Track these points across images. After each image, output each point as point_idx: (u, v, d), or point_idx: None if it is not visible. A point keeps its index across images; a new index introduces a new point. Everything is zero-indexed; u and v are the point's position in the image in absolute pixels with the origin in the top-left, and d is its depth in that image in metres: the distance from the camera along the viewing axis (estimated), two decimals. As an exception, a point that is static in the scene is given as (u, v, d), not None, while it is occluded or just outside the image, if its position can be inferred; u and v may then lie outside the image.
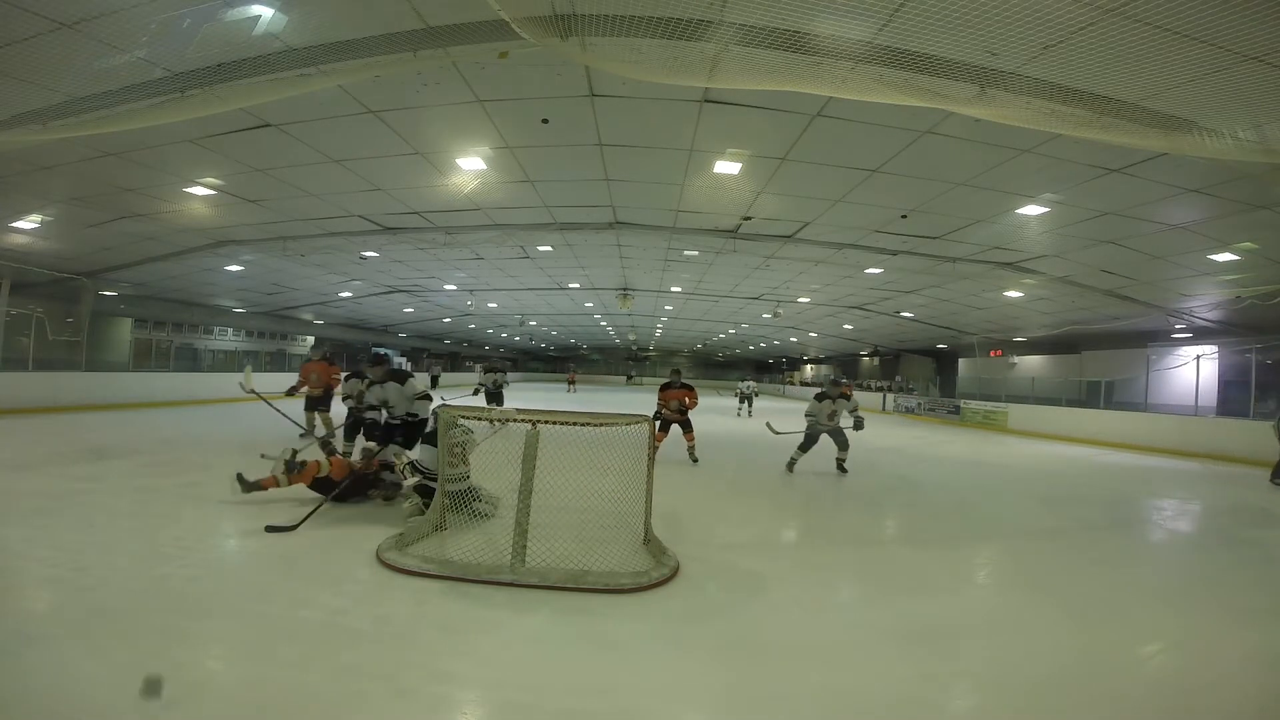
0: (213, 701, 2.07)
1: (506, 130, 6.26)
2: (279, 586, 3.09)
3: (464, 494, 4.25)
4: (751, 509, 4.93)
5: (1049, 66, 4.07)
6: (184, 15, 4.09)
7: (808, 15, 3.74)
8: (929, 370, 26.71)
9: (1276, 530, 5.64)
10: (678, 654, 2.58)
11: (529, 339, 36.79)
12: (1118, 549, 4.70)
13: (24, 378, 11.18)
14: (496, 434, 4.22)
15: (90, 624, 2.54)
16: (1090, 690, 2.39)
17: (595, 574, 3.27)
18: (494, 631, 2.71)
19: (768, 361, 46.32)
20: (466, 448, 4.42)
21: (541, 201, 8.79)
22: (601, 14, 3.86)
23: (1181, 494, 7.62)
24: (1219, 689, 2.47)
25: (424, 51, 4.43)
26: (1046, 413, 15.75)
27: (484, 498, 4.48)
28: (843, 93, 4.35)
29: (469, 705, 2.23)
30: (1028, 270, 11.05)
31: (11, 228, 9.80)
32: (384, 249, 12.18)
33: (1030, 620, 3.13)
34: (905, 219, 8.68)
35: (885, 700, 2.27)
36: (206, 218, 9.52)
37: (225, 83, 4.75)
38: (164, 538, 3.71)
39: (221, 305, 19.84)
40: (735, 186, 7.76)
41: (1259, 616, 3.29)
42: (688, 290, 17.00)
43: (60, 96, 5.05)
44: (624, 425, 3.74)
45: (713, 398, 32.07)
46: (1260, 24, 3.42)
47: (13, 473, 5.48)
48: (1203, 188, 6.51)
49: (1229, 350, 14.40)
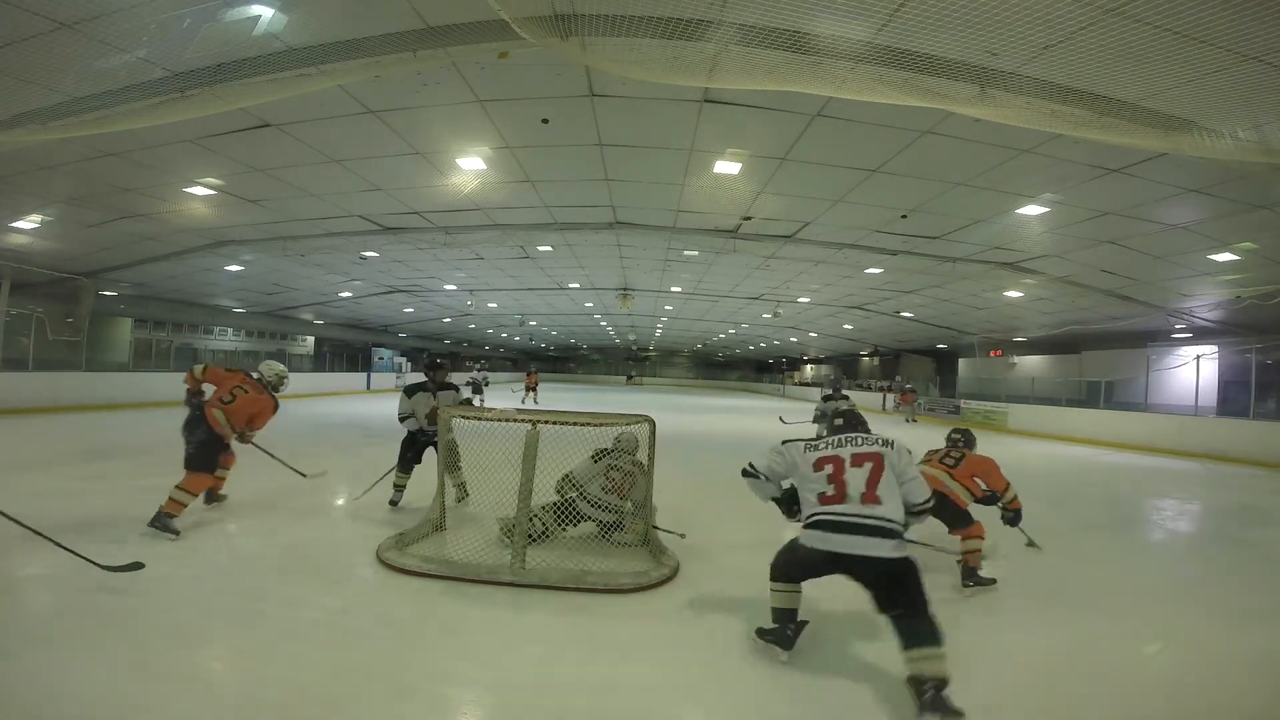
0: (213, 701, 2.07)
1: (506, 130, 6.26)
2: (279, 586, 3.09)
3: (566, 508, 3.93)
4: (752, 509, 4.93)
5: (1049, 66, 4.07)
6: (184, 15, 4.09)
7: (808, 15, 3.74)
8: (929, 370, 26.71)
9: (1276, 530, 5.64)
10: (677, 654, 2.57)
11: (529, 339, 36.81)
12: (1117, 549, 4.70)
13: (24, 378, 11.18)
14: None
15: (90, 624, 2.55)
16: (1090, 690, 2.39)
17: (595, 574, 3.27)
18: (494, 631, 2.71)
19: (768, 361, 46.33)
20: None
21: (541, 201, 8.79)
22: (601, 14, 3.86)
23: (1181, 494, 7.61)
24: (1218, 689, 2.47)
25: (424, 51, 4.43)
26: (1046, 413, 15.75)
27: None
28: (843, 93, 4.34)
29: (469, 705, 2.23)
30: (1028, 270, 11.05)
31: (11, 228, 9.80)
32: (384, 249, 12.19)
33: (1030, 620, 3.13)
34: (905, 219, 8.68)
35: (885, 700, 2.27)
36: (206, 218, 9.52)
37: (225, 83, 4.74)
38: (164, 537, 3.71)
39: (221, 305, 19.85)
40: (735, 186, 7.76)
41: (1259, 617, 3.29)
42: (688, 290, 17.00)
43: (60, 96, 5.05)
44: (624, 425, 3.75)
45: (712, 398, 32.09)
46: (1260, 24, 3.42)
47: (13, 473, 5.48)
48: (1203, 188, 6.51)
49: (1229, 350, 14.40)
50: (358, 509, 4.79)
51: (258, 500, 4.74)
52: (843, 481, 2.43)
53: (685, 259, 12.62)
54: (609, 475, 3.99)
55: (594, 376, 47.56)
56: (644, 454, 3.88)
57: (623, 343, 39.87)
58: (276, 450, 5.43)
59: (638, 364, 48.78)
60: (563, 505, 3.89)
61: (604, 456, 4.11)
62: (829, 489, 2.44)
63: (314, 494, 5.27)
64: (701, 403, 25.98)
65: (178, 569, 3.24)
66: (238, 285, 16.14)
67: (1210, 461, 10.62)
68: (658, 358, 48.97)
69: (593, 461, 4.09)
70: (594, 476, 4.01)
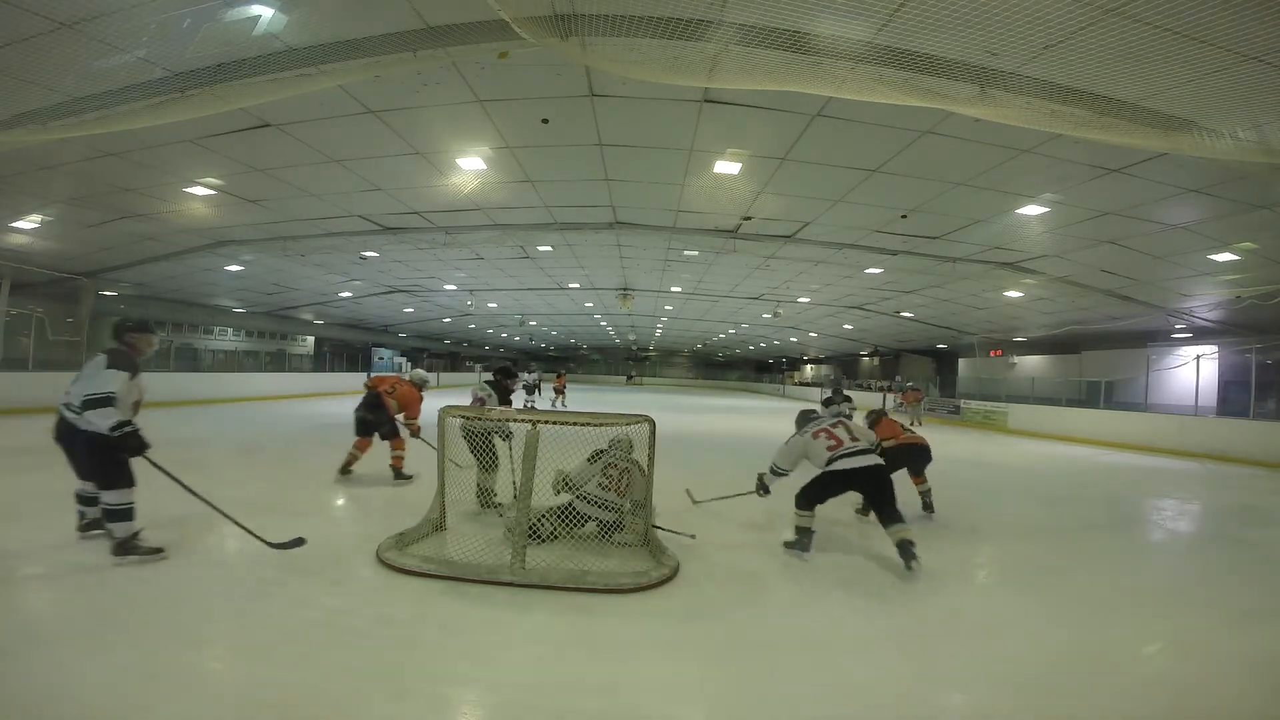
0: (213, 701, 2.07)
1: (506, 130, 6.26)
2: (279, 586, 3.09)
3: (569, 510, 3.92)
4: (752, 509, 4.93)
5: (1049, 66, 4.07)
6: (184, 15, 4.09)
7: (808, 15, 3.74)
8: (929, 370, 26.71)
9: (1276, 530, 5.64)
10: (677, 654, 2.57)
11: (529, 339, 36.82)
12: (1117, 549, 4.69)
13: (24, 378, 11.16)
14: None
15: (90, 624, 2.55)
16: (1089, 690, 2.39)
17: (595, 574, 3.26)
18: (494, 631, 2.71)
19: (768, 361, 46.34)
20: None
21: (541, 201, 8.79)
22: (601, 14, 3.86)
23: (1181, 494, 7.61)
24: (1218, 689, 2.47)
25: (424, 51, 4.43)
26: (1046, 413, 15.74)
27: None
28: (843, 93, 4.35)
29: (469, 705, 2.23)
30: (1028, 270, 11.05)
31: (11, 228, 9.81)
32: (384, 249, 12.20)
33: (1030, 620, 3.13)
34: (905, 219, 8.68)
35: (884, 700, 2.27)
36: (206, 218, 9.53)
37: (225, 83, 4.75)
38: (164, 537, 3.71)
39: (221, 305, 19.85)
40: (735, 186, 7.76)
41: (1259, 617, 3.29)
42: (688, 290, 17.01)
43: (60, 96, 5.06)
44: (624, 425, 3.75)
45: (712, 398, 32.08)
46: (1260, 24, 3.42)
47: (13, 473, 5.48)
48: (1203, 188, 6.51)
49: (1229, 350, 14.40)
50: (358, 508, 4.79)
51: (258, 500, 4.74)
52: (836, 437, 4.00)
53: (685, 259, 12.62)
54: (606, 473, 4.02)
55: (594, 376, 47.56)
56: (642, 454, 3.89)
57: (623, 343, 39.87)
58: (273, 449, 5.42)
59: (638, 364, 48.78)
60: (567, 509, 3.90)
61: (600, 457, 4.16)
62: (831, 443, 3.97)
63: (314, 494, 5.27)
64: (701, 403, 25.97)
65: (178, 569, 3.24)
66: (238, 285, 16.15)
67: (1210, 461, 10.62)
68: (658, 358, 48.97)
69: (589, 463, 4.13)
70: (591, 475, 4.03)
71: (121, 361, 3.36)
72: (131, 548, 3.28)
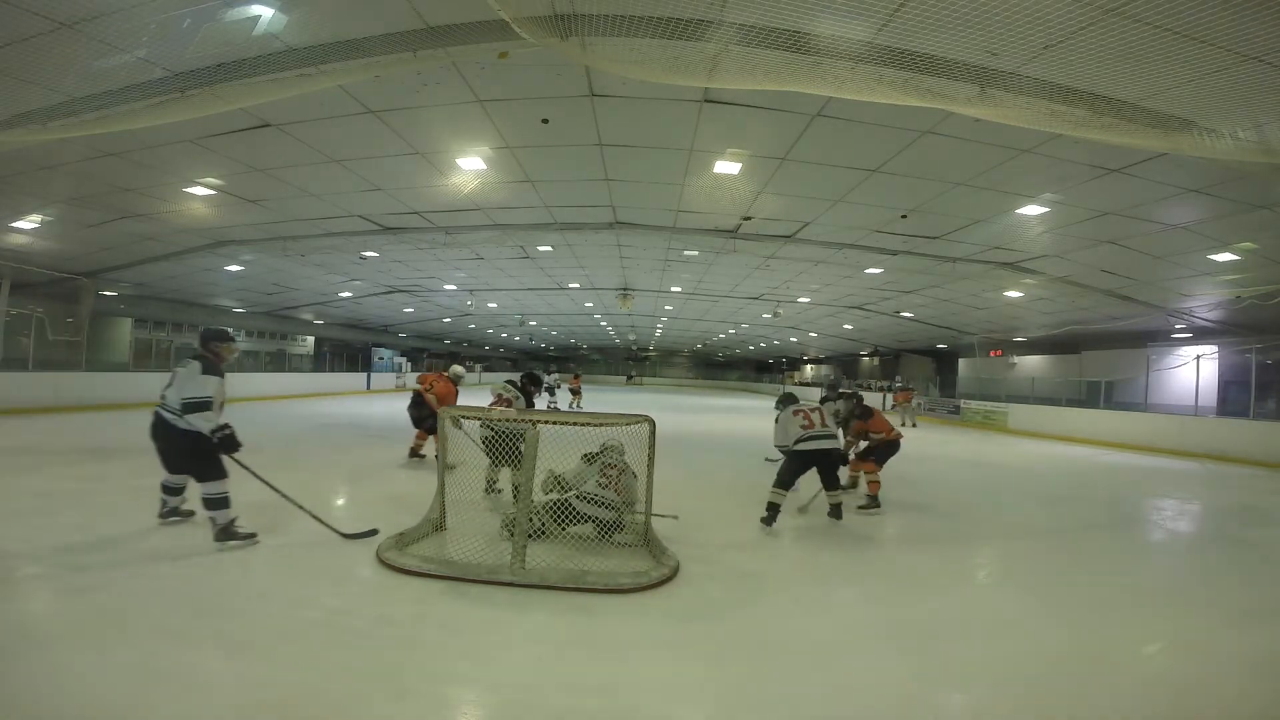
0: (213, 701, 2.07)
1: (506, 130, 6.26)
2: (279, 586, 3.09)
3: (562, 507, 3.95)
4: (751, 509, 4.93)
5: (1049, 66, 4.07)
6: (184, 15, 4.09)
7: (808, 15, 3.74)
8: (929, 370, 26.71)
9: (1276, 530, 5.64)
10: (677, 654, 2.57)
11: (529, 339, 36.81)
12: (1117, 549, 4.70)
13: (24, 378, 11.17)
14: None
15: (90, 624, 2.55)
16: (1089, 690, 2.39)
17: (595, 574, 3.27)
18: (494, 631, 2.71)
19: (768, 362, 46.32)
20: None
21: (541, 201, 8.79)
22: (601, 14, 3.86)
23: (1181, 494, 7.61)
24: (1218, 689, 2.47)
25: (424, 51, 4.43)
26: (1046, 413, 15.75)
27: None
28: (843, 93, 4.34)
29: (469, 705, 2.23)
30: (1028, 270, 11.05)
31: (11, 228, 9.80)
32: (384, 249, 12.19)
33: (1030, 620, 3.13)
34: (905, 219, 8.68)
35: (884, 700, 2.27)
36: (206, 218, 9.52)
37: (225, 83, 4.74)
38: (164, 537, 3.71)
39: (221, 305, 19.84)
40: (735, 186, 7.76)
41: (1259, 617, 3.29)
42: (688, 290, 17.01)
43: (60, 96, 5.05)
44: (624, 425, 3.75)
45: (712, 398, 32.07)
46: (1260, 24, 3.42)
47: (13, 473, 5.48)
48: (1203, 188, 6.51)
49: (1229, 350, 14.39)
50: (357, 509, 4.79)
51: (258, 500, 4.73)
52: (811, 419, 4.85)
53: (685, 259, 12.61)
54: (605, 473, 4.03)
55: (594, 376, 47.55)
56: (641, 454, 3.89)
57: (623, 343, 39.86)
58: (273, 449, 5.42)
59: (638, 364, 48.78)
60: (559, 504, 3.90)
61: (596, 458, 4.18)
62: (805, 423, 4.83)
63: (314, 494, 5.26)
64: (701, 403, 25.98)
65: (178, 569, 3.24)
66: (238, 285, 16.14)
67: (1210, 461, 10.62)
68: (658, 358, 48.96)
69: (586, 463, 4.15)
70: (590, 475, 4.04)
71: (212, 368, 3.75)
72: (231, 533, 3.64)
